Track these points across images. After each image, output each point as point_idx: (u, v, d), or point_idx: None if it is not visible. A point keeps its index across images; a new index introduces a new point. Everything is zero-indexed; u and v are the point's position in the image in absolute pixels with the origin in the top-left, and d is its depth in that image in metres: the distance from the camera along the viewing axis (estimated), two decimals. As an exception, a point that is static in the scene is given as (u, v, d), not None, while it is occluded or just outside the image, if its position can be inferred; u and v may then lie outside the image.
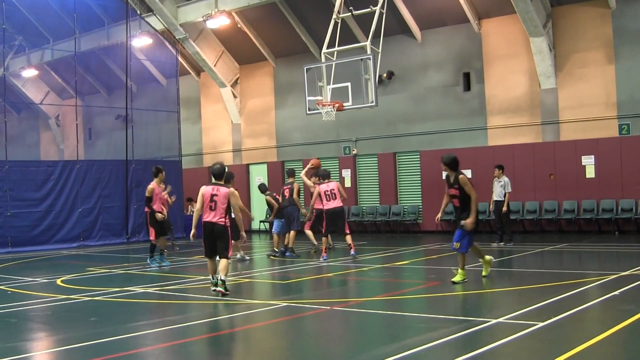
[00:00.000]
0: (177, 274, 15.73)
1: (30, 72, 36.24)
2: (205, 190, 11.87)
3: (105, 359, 7.78)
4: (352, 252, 17.13)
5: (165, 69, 30.37)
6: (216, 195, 11.78)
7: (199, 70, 31.77)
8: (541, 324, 8.34)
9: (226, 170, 12.89)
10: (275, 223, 18.92)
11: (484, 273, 12.83)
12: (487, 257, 12.99)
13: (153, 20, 28.27)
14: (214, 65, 29.35)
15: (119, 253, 22.04)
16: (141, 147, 27.29)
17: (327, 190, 17.39)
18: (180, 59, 29.89)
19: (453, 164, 12.55)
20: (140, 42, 29.61)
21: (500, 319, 8.78)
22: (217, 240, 11.78)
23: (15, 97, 36.00)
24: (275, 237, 18.99)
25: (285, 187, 18.85)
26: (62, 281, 14.76)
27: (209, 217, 11.75)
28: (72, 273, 16.39)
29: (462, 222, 12.25)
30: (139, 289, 12.98)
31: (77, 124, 28.03)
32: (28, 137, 38.64)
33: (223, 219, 11.77)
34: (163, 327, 9.39)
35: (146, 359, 8.06)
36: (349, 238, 17.41)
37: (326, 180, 17.70)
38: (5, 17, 28.06)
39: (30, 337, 9.50)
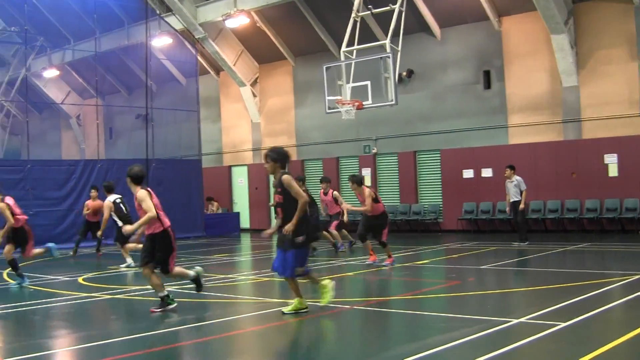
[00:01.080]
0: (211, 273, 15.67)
1: (51, 72, 36.51)
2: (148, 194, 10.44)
3: (125, 356, 7.81)
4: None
5: (185, 68, 30.47)
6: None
7: (218, 70, 31.82)
8: (563, 325, 8.25)
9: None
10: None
11: (321, 302, 9.94)
12: (325, 281, 10.08)
13: (172, 20, 28.36)
14: (234, 65, 29.39)
15: (139, 251, 21.97)
16: (161, 146, 27.37)
17: None
18: (199, 58, 29.96)
19: (283, 160, 9.69)
20: (160, 41, 29.74)
21: (522, 319, 8.70)
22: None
23: (37, 97, 36.29)
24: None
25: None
26: (83, 279, 14.85)
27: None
28: (94, 271, 16.51)
29: (297, 238, 9.42)
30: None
31: (97, 123, 28.19)
32: (50, 136, 38.96)
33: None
34: (182, 326, 9.42)
35: (165, 357, 8.07)
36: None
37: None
38: (27, 18, 28.27)
39: (52, 335, 9.59)
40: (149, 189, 10.58)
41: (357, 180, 16.14)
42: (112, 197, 17.82)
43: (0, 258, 18.02)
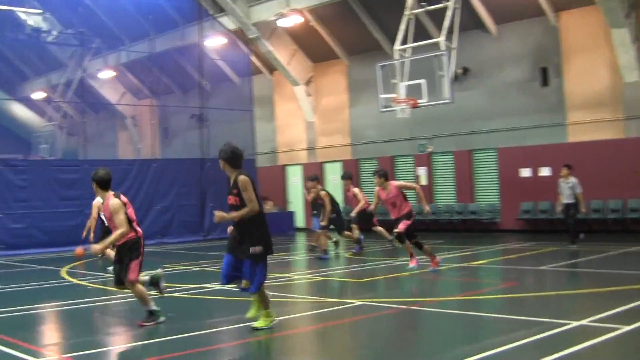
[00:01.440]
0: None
1: (107, 74, 37.11)
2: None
3: (181, 354, 7.92)
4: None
5: (239, 68, 30.70)
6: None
7: (272, 69, 31.94)
8: (626, 328, 8.08)
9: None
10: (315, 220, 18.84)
11: (254, 324, 8.95)
12: (272, 312, 9.07)
13: (225, 21, 28.61)
14: (287, 64, 29.46)
15: (196, 250, 22.35)
16: (216, 146, 27.49)
17: None
18: (253, 58, 30.12)
19: (234, 159, 8.98)
20: (213, 42, 30.01)
21: (583, 322, 8.56)
22: None
23: (93, 98, 36.93)
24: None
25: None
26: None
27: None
28: (150, 270, 16.63)
29: (252, 248, 8.63)
30: (215, 286, 13.11)
31: (152, 123, 28.50)
32: (106, 136, 39.59)
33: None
34: (237, 325, 9.47)
35: (220, 356, 8.17)
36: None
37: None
38: (83, 21, 28.78)
39: (109, 332, 9.85)
40: (122, 196, 9.67)
41: (384, 175, 15.01)
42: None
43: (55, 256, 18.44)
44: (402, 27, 20.89)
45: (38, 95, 42.10)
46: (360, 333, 9.14)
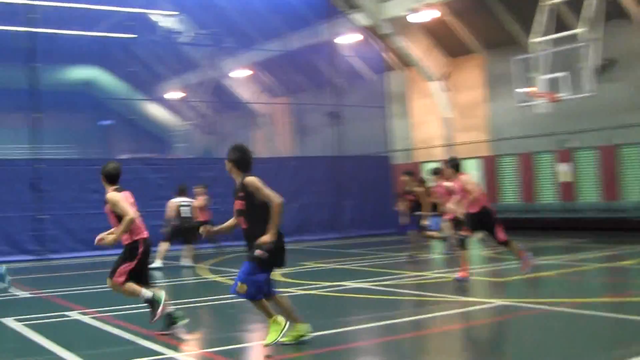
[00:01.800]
0: (393, 269, 15.87)
1: (241, 73, 38.19)
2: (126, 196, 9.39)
3: (317, 352, 8.19)
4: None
5: (372, 64, 31.07)
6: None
7: (406, 65, 32.12)
8: None
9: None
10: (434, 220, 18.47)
11: (266, 341, 8.23)
12: (279, 318, 8.26)
13: (358, 17, 28.98)
14: (422, 60, 29.58)
15: (332, 248, 22.73)
16: (350, 144, 28.09)
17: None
18: (386, 54, 30.39)
19: (243, 162, 8.51)
20: (346, 39, 30.47)
21: None
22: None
23: (228, 97, 38.20)
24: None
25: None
26: (281, 275, 15.42)
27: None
28: (288, 267, 17.07)
29: (258, 251, 7.98)
30: (352, 284, 13.32)
31: (287, 121, 29.19)
32: (241, 135, 40.70)
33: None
34: (374, 323, 9.65)
35: (355, 354, 8.36)
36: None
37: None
38: (217, 21, 29.85)
39: (247, 328, 10.23)
40: (126, 191, 9.40)
41: (455, 165, 13.70)
42: (179, 200, 18.76)
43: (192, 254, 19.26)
44: (540, 18, 20.68)
45: (174, 95, 43.78)
46: (503, 334, 9.21)
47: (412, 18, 27.69)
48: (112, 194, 9.12)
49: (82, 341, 9.07)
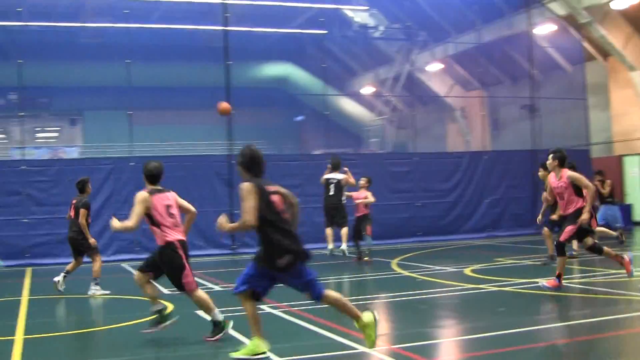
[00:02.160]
0: (597, 267, 15.48)
1: (434, 66, 38.50)
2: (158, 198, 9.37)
3: (510, 350, 8.28)
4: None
5: (570, 55, 30.58)
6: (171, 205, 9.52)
7: (605, 55, 31.31)
8: None
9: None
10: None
11: (236, 353, 8.00)
12: (262, 343, 7.93)
13: (555, 6, 28.61)
14: (623, 49, 28.76)
15: (527, 244, 22.57)
16: (547, 137, 27.81)
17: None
18: (584, 44, 29.81)
19: (250, 165, 8.29)
20: (543, 29, 30.15)
21: None
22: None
23: (421, 91, 38.64)
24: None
25: None
26: (471, 270, 15.65)
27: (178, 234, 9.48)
28: (481, 263, 17.17)
29: (279, 260, 7.70)
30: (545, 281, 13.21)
31: (482, 115, 29.28)
32: (435, 129, 41.04)
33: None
34: (569, 322, 9.76)
35: (550, 354, 8.40)
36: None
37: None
38: (409, 15, 30.38)
39: (438, 324, 10.52)
40: (170, 195, 9.58)
41: (561, 157, 12.62)
42: (329, 175, 18.69)
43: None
44: None
45: (367, 90, 44.67)
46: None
47: (615, 5, 27.01)
48: (137, 195, 9.31)
49: (274, 334, 9.22)
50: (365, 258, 18.60)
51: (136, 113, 24.71)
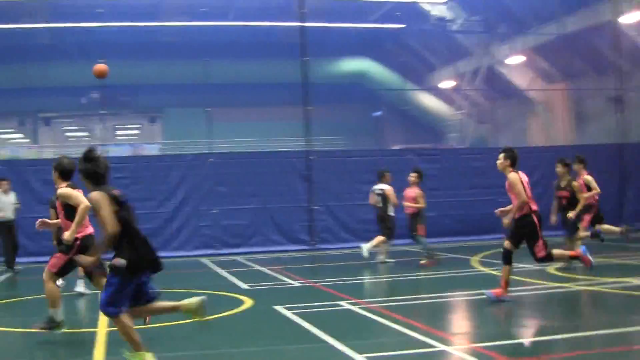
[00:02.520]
0: None
1: (515, 59, 37.96)
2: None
3: (594, 352, 8.06)
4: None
5: (659, 44, 29.77)
6: None
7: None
8: None
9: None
10: None
11: None
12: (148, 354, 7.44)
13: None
14: None
15: (615, 241, 21.95)
16: (636, 130, 27.22)
17: None
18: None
19: (91, 173, 7.56)
20: (630, 17, 29.47)
21: None
22: None
23: (502, 84, 38.19)
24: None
25: None
26: (555, 269, 15.38)
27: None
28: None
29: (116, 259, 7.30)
30: (636, 281, 12.94)
31: (565, 108, 28.76)
32: (516, 123, 40.52)
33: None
34: None
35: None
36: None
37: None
38: (488, 7, 30.05)
39: (520, 323, 10.39)
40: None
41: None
42: (376, 187, 18.32)
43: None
44: None
45: (446, 84, 44.38)
46: None
47: None
48: (63, 190, 9.38)
49: (352, 331, 9.46)
50: (423, 261, 17.38)
51: (214, 110, 25.13)
